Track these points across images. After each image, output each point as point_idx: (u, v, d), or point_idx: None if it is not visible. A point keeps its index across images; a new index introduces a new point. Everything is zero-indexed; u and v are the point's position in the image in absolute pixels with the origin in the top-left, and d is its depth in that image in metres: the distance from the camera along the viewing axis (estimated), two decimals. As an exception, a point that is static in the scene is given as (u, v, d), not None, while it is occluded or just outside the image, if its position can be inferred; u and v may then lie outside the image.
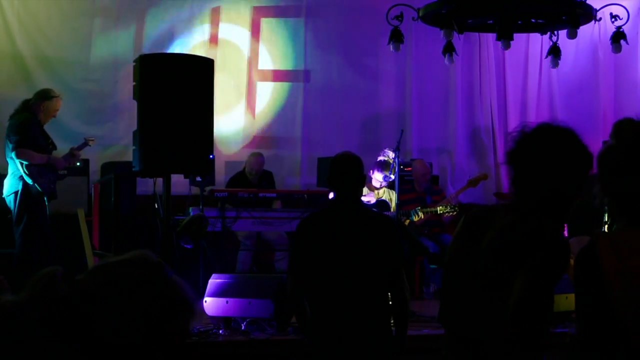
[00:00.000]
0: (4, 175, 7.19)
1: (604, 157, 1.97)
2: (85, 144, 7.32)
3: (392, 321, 3.84)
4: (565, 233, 7.81)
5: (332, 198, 3.90)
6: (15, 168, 6.77)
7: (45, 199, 6.78)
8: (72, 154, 7.14)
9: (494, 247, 2.34)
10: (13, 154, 6.72)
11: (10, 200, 6.81)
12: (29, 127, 6.77)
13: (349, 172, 3.83)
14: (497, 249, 2.33)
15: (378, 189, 7.93)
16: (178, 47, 9.23)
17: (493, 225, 2.39)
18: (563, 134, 2.40)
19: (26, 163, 6.70)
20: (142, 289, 1.40)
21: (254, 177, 8.52)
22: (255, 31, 9.69)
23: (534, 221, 2.33)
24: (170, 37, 9.37)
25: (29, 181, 6.69)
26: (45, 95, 6.98)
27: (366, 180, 7.55)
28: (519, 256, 2.27)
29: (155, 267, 1.46)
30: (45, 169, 6.80)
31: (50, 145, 6.97)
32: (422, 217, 7.80)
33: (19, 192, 6.72)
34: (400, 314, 3.81)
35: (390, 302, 3.80)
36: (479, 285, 2.36)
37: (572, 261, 6.69)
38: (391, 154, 7.65)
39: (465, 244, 2.46)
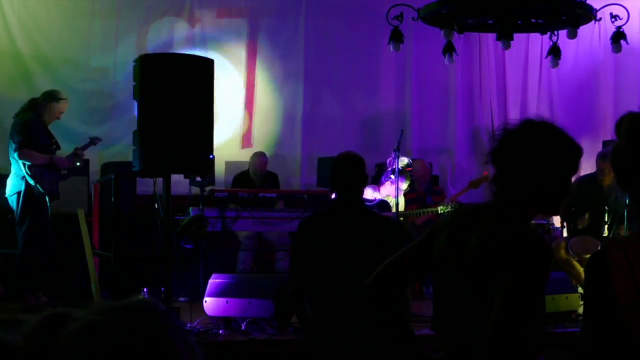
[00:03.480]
0: (6, 176, 7.19)
1: (615, 155, 1.95)
2: (91, 142, 7.35)
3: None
4: (565, 233, 7.81)
5: (334, 198, 3.89)
6: (18, 168, 6.76)
7: (47, 199, 6.79)
8: (75, 154, 7.15)
9: (477, 255, 2.30)
10: (16, 155, 6.73)
11: (12, 201, 6.81)
12: (32, 128, 6.77)
13: (350, 172, 3.80)
14: (480, 257, 2.29)
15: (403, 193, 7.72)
16: (178, 47, 9.24)
17: (476, 231, 2.34)
18: (547, 129, 2.35)
19: (28, 164, 6.70)
20: (139, 350, 1.22)
21: (258, 177, 8.52)
22: (253, 31, 9.70)
23: (514, 226, 2.29)
24: (170, 37, 9.37)
25: (31, 182, 6.69)
26: (53, 97, 6.99)
27: (380, 183, 7.54)
28: (501, 263, 2.23)
29: (156, 321, 1.25)
30: (47, 170, 6.80)
31: (54, 145, 6.98)
32: (415, 218, 7.78)
33: (22, 193, 6.72)
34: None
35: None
36: (467, 294, 2.33)
37: (572, 260, 6.61)
38: (406, 160, 7.59)
39: (450, 246, 2.40)
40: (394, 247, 3.73)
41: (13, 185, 6.80)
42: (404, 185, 7.46)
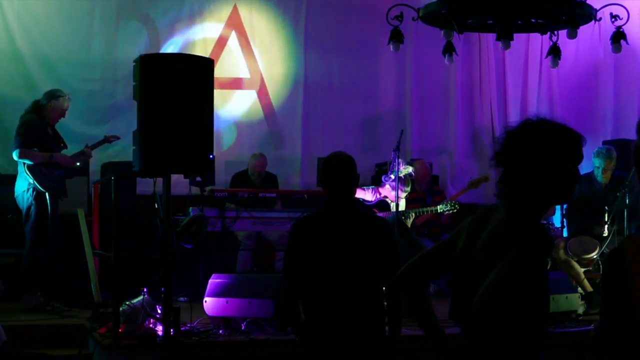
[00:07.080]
0: (8, 176, 7.23)
1: (636, 153, 1.98)
2: (106, 140, 7.41)
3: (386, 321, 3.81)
4: (565, 233, 7.81)
5: (326, 199, 3.87)
6: (22, 168, 6.84)
7: (47, 197, 6.80)
8: (82, 152, 7.21)
9: (486, 245, 2.38)
10: (14, 154, 6.77)
11: (19, 200, 6.91)
12: (31, 128, 6.86)
13: (342, 172, 3.79)
14: (489, 247, 2.37)
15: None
16: (177, 47, 9.25)
17: (489, 224, 2.43)
18: (548, 125, 2.43)
19: (29, 163, 6.76)
20: None
21: (257, 178, 8.49)
22: (253, 31, 9.70)
23: (520, 216, 2.36)
24: (171, 37, 9.38)
25: (30, 180, 6.77)
26: (52, 95, 7.06)
27: (381, 185, 7.50)
28: (504, 250, 2.29)
29: None
30: (47, 168, 6.84)
31: (61, 144, 7.04)
32: (415, 218, 7.78)
33: (25, 192, 6.83)
34: (394, 315, 3.78)
35: (385, 303, 3.78)
36: (477, 284, 2.37)
37: (571, 260, 6.59)
38: (410, 168, 7.58)
39: (467, 243, 2.49)
40: (387, 246, 3.72)
41: (19, 185, 6.91)
42: (403, 194, 7.45)
